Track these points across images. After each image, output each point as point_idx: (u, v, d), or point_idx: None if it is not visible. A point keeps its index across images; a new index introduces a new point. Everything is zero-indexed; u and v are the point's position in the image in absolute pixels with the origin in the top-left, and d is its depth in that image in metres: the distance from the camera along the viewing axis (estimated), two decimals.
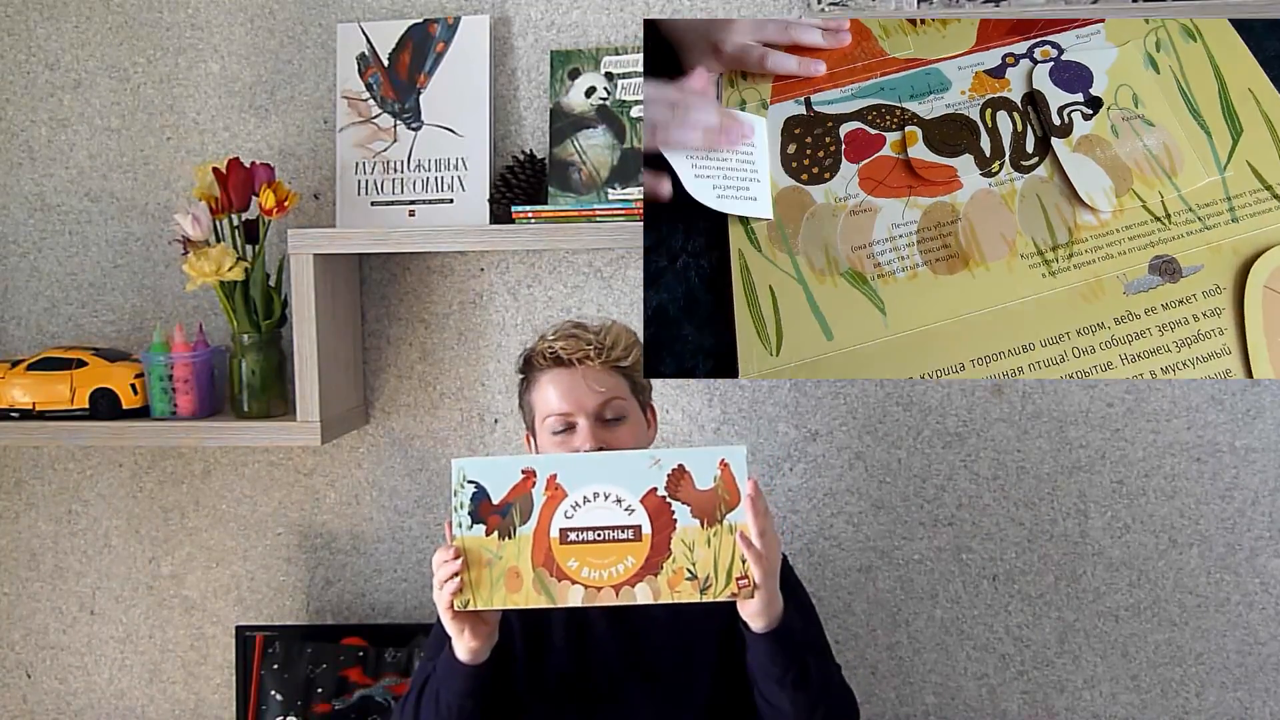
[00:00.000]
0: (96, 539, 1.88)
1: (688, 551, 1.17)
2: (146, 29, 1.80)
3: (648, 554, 1.17)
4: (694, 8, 1.71)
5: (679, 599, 1.17)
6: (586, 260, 1.75)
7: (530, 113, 1.74)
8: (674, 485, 1.18)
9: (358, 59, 1.74)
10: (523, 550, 1.19)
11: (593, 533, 1.18)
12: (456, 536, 1.21)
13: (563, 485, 1.20)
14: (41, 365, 1.67)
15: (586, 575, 1.18)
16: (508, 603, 1.19)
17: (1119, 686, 1.73)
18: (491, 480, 1.21)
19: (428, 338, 1.79)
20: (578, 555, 1.18)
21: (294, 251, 1.60)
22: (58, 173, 1.84)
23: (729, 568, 1.17)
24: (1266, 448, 1.67)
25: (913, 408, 1.72)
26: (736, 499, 1.18)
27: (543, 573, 1.18)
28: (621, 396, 1.37)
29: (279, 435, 1.64)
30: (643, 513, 1.18)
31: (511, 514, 1.20)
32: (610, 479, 1.19)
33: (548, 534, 1.19)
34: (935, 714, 1.76)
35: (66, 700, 1.91)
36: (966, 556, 1.74)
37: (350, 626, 1.80)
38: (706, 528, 1.17)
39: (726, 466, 1.18)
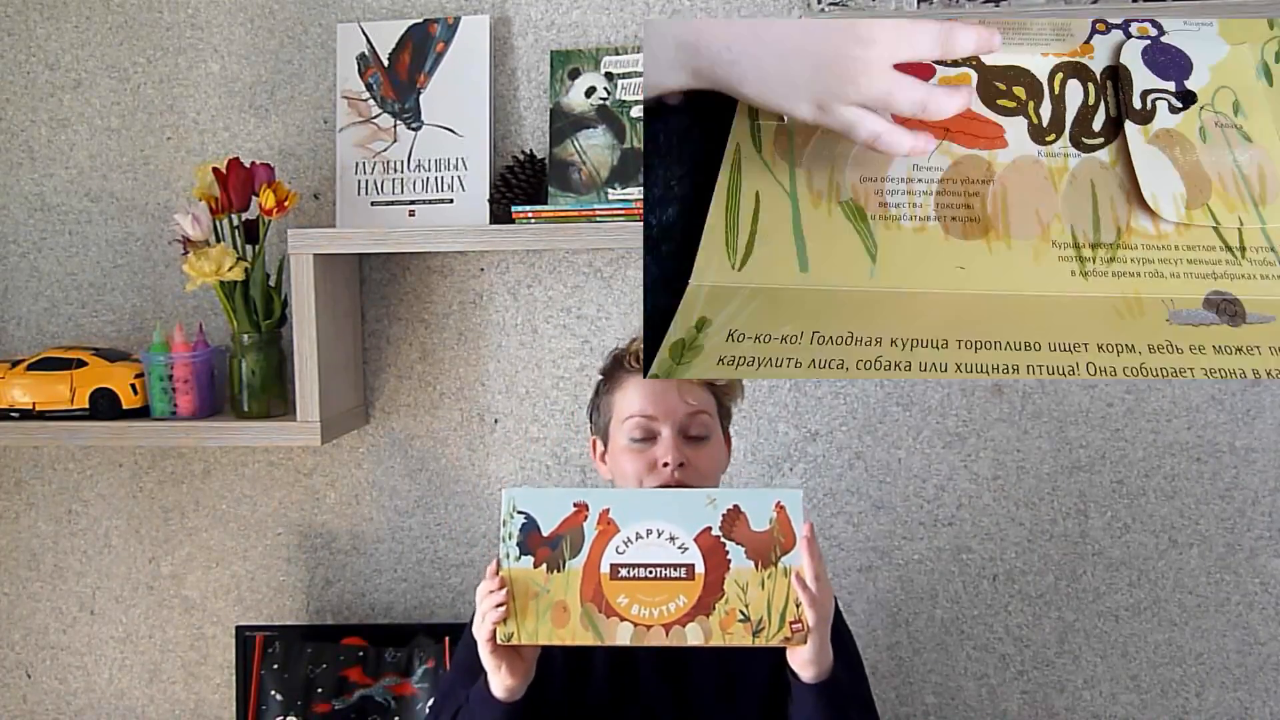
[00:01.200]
0: (96, 539, 1.88)
1: (741, 593, 1.13)
2: (146, 29, 1.80)
3: (700, 593, 1.13)
4: (694, 8, 1.71)
5: (731, 641, 1.13)
6: (586, 260, 1.75)
7: (530, 113, 1.74)
8: (729, 525, 1.15)
9: (358, 59, 1.74)
10: (571, 584, 1.14)
11: (645, 569, 1.14)
12: (504, 568, 1.15)
13: (615, 520, 1.16)
14: (41, 365, 1.67)
15: (636, 613, 1.14)
16: (553, 638, 1.14)
17: (1119, 686, 1.73)
18: (542, 511, 1.17)
19: (428, 338, 1.79)
20: (628, 592, 1.14)
21: (294, 251, 1.60)
22: (58, 173, 1.84)
23: (783, 611, 1.13)
24: (1266, 448, 1.67)
25: (913, 408, 1.72)
26: (792, 542, 1.14)
27: (591, 608, 1.14)
28: (709, 413, 1.31)
29: (279, 435, 1.64)
30: (696, 551, 1.14)
31: (562, 547, 1.16)
32: (665, 516, 1.15)
33: (598, 569, 1.15)
34: (935, 714, 1.76)
35: (66, 700, 1.91)
36: (966, 556, 1.74)
37: (350, 626, 1.80)
38: (761, 569, 1.14)
39: (783, 509, 1.15)
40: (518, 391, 1.78)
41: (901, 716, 1.77)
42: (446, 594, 1.83)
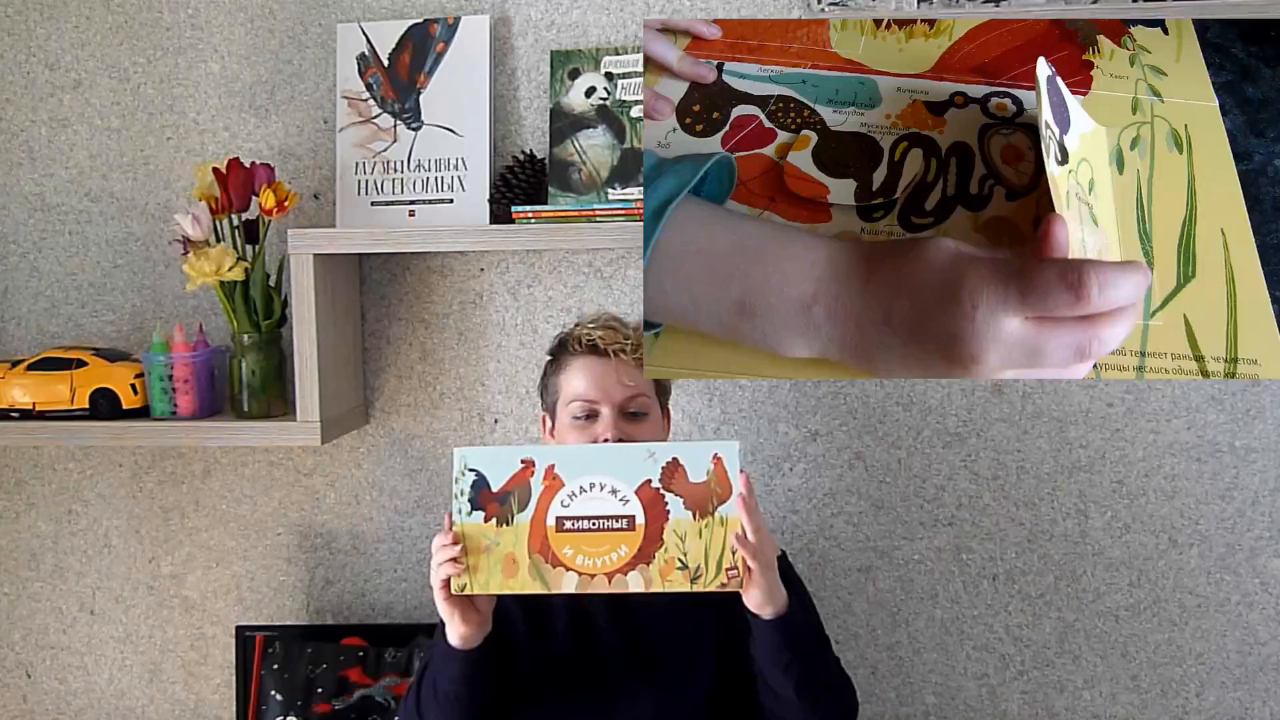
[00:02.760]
0: (96, 539, 1.88)
1: (679, 542, 1.19)
2: (146, 29, 1.80)
3: (641, 543, 1.20)
4: (694, 8, 1.71)
5: (670, 588, 1.19)
6: (586, 260, 1.75)
7: (530, 113, 1.74)
8: (668, 478, 1.21)
9: (358, 59, 1.74)
10: (520, 537, 1.22)
11: (588, 521, 1.21)
12: (456, 523, 1.24)
13: (560, 475, 1.23)
14: (41, 365, 1.67)
15: (581, 563, 1.20)
16: (504, 588, 1.22)
17: (1119, 686, 1.73)
18: (492, 469, 1.24)
19: (428, 338, 1.79)
20: (573, 543, 1.21)
21: (294, 251, 1.60)
22: (58, 173, 1.84)
23: (719, 558, 1.19)
24: (1266, 448, 1.67)
25: (913, 408, 1.72)
26: (728, 492, 1.20)
27: (538, 559, 1.21)
28: (647, 394, 1.40)
29: (279, 435, 1.64)
30: (637, 503, 1.21)
31: (510, 502, 1.23)
32: (606, 470, 1.22)
33: (544, 522, 1.22)
34: (935, 714, 1.76)
35: (66, 700, 1.91)
36: (966, 556, 1.74)
37: (350, 626, 1.80)
38: (698, 519, 1.20)
39: (719, 461, 1.21)
40: (518, 391, 1.78)
41: (901, 716, 1.77)
42: None
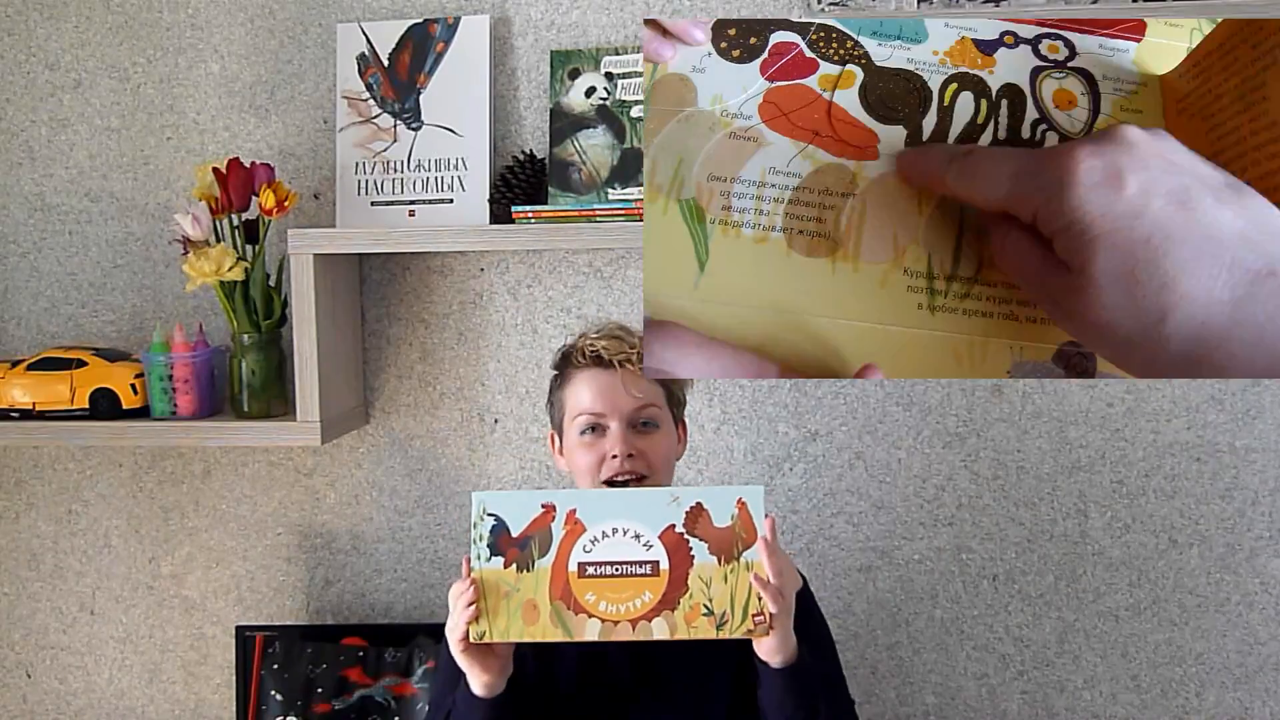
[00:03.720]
0: (96, 539, 1.88)
1: (705, 588, 1.16)
2: (146, 29, 1.80)
3: (665, 589, 1.17)
4: (694, 8, 1.71)
5: (695, 635, 1.16)
6: (586, 260, 1.75)
7: (530, 113, 1.74)
8: (692, 522, 1.18)
9: (358, 59, 1.74)
10: (540, 583, 1.18)
11: (611, 567, 1.18)
12: (475, 569, 1.19)
13: (582, 520, 1.19)
14: (41, 365, 1.67)
15: (604, 609, 1.17)
16: (524, 635, 1.18)
17: (1119, 686, 1.73)
18: (511, 513, 1.20)
19: (428, 338, 1.79)
20: (595, 589, 1.17)
21: (294, 251, 1.60)
22: (58, 173, 1.84)
23: (745, 604, 1.16)
24: (1266, 448, 1.67)
25: (913, 408, 1.72)
26: (753, 537, 1.17)
27: (560, 606, 1.17)
28: (657, 405, 1.34)
29: (279, 435, 1.64)
30: (661, 548, 1.18)
31: (530, 547, 1.19)
32: (629, 515, 1.19)
33: (566, 567, 1.18)
34: (935, 714, 1.76)
35: (66, 700, 1.91)
36: (966, 556, 1.74)
37: (350, 626, 1.80)
38: (723, 564, 1.17)
39: (744, 506, 1.18)
40: (518, 391, 1.78)
41: (901, 716, 1.77)
42: (446, 594, 1.82)
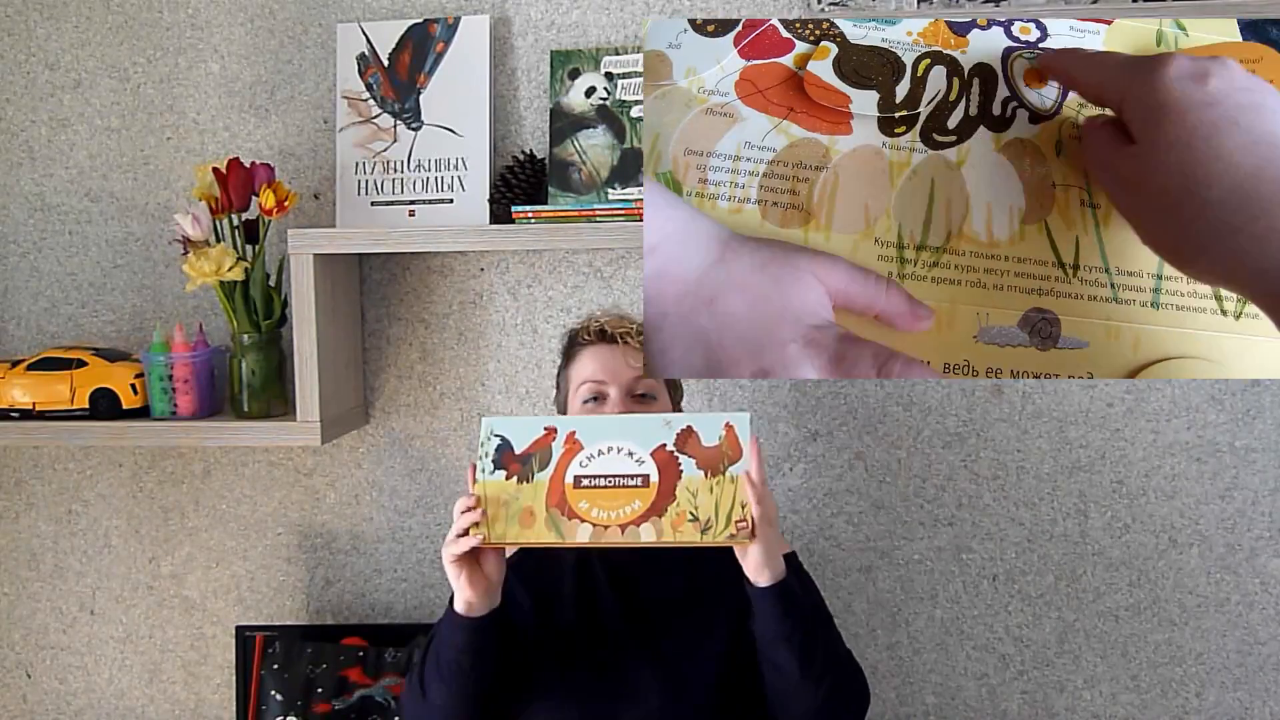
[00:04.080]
0: (96, 539, 1.88)
1: (691, 497, 1.23)
2: (146, 29, 1.80)
3: (654, 498, 1.24)
4: (694, 8, 1.71)
5: (680, 539, 1.22)
6: (586, 260, 1.75)
7: (530, 113, 1.74)
8: (682, 442, 1.26)
9: (358, 59, 1.74)
10: (538, 492, 1.26)
11: (604, 479, 1.25)
12: (479, 481, 1.27)
13: (580, 440, 1.27)
14: (41, 365, 1.67)
15: (596, 515, 1.24)
16: (520, 538, 1.25)
17: (1119, 686, 1.73)
18: (516, 434, 1.29)
19: (428, 338, 1.79)
20: (589, 498, 1.25)
21: (294, 251, 1.60)
22: (58, 173, 1.84)
23: (729, 512, 1.22)
24: (1266, 448, 1.67)
25: (913, 408, 1.72)
26: (739, 454, 1.24)
27: (555, 512, 1.25)
28: (656, 380, 1.42)
29: (279, 435, 1.64)
30: (652, 464, 1.25)
31: (531, 463, 1.28)
32: (624, 435, 1.27)
33: (563, 480, 1.26)
34: (935, 714, 1.76)
35: (66, 700, 1.91)
36: (966, 556, 1.74)
37: (350, 626, 1.80)
38: (710, 478, 1.24)
39: (731, 428, 1.26)
40: (518, 391, 1.78)
41: (901, 716, 1.77)
42: (446, 594, 1.82)
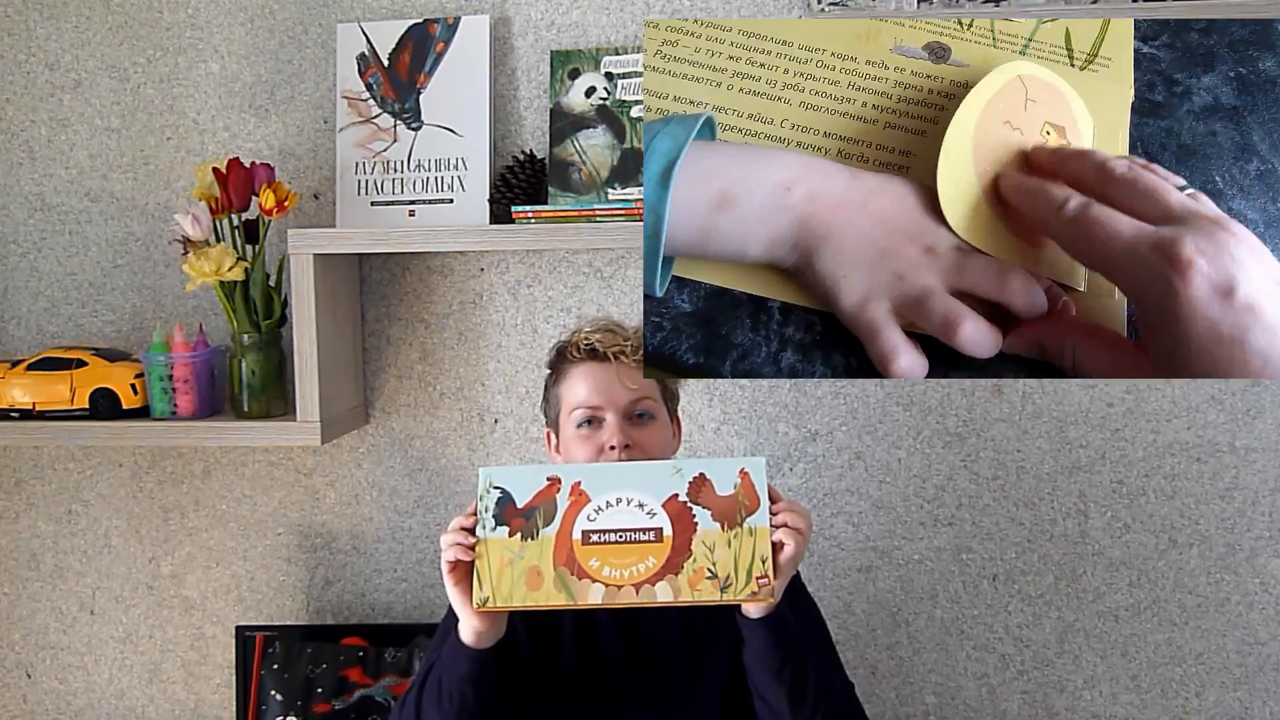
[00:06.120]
0: (96, 539, 1.88)
1: (708, 552, 1.18)
2: (146, 29, 1.80)
3: (669, 554, 1.18)
4: (694, 8, 1.71)
5: (700, 597, 1.16)
6: (586, 260, 1.75)
7: (530, 113, 1.74)
8: (695, 491, 1.20)
9: (358, 59, 1.74)
10: (545, 550, 1.19)
11: (615, 534, 1.19)
12: (480, 538, 1.20)
13: (586, 491, 1.21)
14: (41, 365, 1.67)
15: (608, 574, 1.18)
16: (528, 600, 1.18)
17: (1119, 686, 1.73)
18: (516, 486, 1.22)
19: (428, 338, 1.79)
20: (599, 555, 1.18)
21: (294, 251, 1.60)
22: (58, 173, 1.84)
23: (749, 567, 1.17)
24: (1266, 448, 1.67)
25: (913, 408, 1.72)
26: (756, 504, 1.19)
27: (564, 571, 1.18)
28: (652, 397, 1.35)
29: (279, 435, 1.64)
30: (664, 516, 1.19)
31: (535, 517, 1.21)
32: (633, 486, 1.20)
33: (570, 535, 1.19)
34: (935, 714, 1.76)
35: (66, 700, 1.91)
36: (966, 556, 1.74)
37: (350, 626, 1.80)
38: (727, 530, 1.18)
39: (746, 475, 1.20)
40: (518, 391, 1.78)
41: (901, 716, 1.77)
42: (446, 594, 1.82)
